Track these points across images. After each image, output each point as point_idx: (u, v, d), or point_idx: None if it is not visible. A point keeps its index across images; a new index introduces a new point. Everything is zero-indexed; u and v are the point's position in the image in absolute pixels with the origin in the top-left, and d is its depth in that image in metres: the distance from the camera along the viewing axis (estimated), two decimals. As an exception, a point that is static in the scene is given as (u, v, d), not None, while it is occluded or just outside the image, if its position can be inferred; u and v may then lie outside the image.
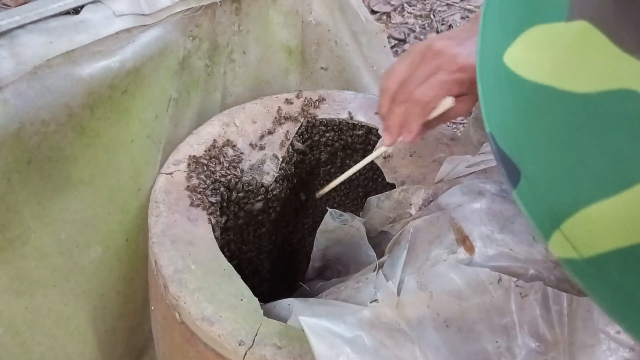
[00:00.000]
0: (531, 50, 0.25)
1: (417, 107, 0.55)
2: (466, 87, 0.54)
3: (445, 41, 0.54)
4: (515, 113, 0.25)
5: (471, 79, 0.53)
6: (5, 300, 0.60)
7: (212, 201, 0.62)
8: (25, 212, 0.56)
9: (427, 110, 0.55)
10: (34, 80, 0.52)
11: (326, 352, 0.45)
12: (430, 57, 0.54)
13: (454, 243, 0.54)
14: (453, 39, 0.54)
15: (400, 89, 0.56)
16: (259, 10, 0.73)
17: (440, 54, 0.53)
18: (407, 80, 0.55)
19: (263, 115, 0.72)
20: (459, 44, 0.53)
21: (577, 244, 0.22)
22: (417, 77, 0.54)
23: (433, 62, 0.54)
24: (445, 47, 0.53)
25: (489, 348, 0.48)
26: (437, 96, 0.54)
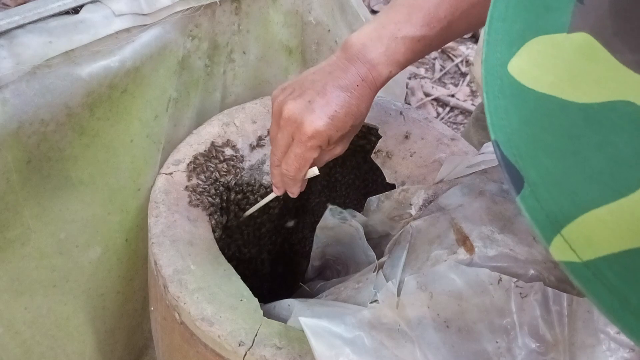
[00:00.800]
0: (534, 60, 0.26)
1: (287, 178, 0.56)
2: (324, 146, 0.54)
3: (293, 104, 0.52)
4: (520, 121, 0.26)
5: (325, 141, 0.53)
6: (5, 300, 0.60)
7: (212, 201, 0.62)
8: (25, 212, 0.56)
9: (298, 179, 0.56)
10: (33, 80, 0.52)
11: (326, 353, 0.45)
12: (283, 125, 0.54)
13: (454, 243, 0.54)
14: (304, 96, 0.53)
15: (271, 152, 0.57)
16: (259, 10, 0.73)
17: (290, 122, 0.53)
18: (274, 144, 0.56)
19: (263, 115, 0.72)
20: (308, 105, 0.52)
21: (577, 248, 0.23)
22: (279, 144, 0.55)
23: (287, 130, 0.53)
24: (293, 114, 0.52)
25: (489, 348, 0.48)
26: (299, 170, 0.55)
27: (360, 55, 0.53)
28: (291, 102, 0.53)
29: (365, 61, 0.53)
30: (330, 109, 0.52)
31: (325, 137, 0.52)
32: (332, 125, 0.52)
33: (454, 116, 1.64)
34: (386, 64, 0.53)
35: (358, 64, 0.53)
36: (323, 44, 0.82)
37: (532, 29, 0.27)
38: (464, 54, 1.79)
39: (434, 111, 1.65)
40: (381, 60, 0.53)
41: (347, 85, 0.53)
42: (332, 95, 0.52)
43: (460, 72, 1.75)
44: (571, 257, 0.23)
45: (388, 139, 0.71)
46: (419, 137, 0.71)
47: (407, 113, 0.73)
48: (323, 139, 0.52)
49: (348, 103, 0.53)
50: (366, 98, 0.54)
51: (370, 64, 0.53)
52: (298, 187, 0.58)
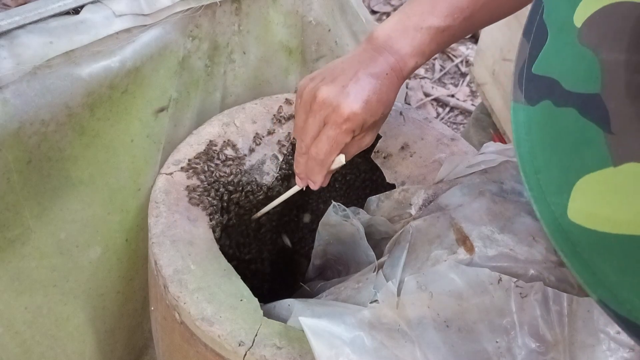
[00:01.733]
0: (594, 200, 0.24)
1: (315, 164, 0.55)
2: (357, 132, 0.54)
3: (327, 88, 0.53)
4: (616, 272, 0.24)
5: (359, 125, 0.53)
6: (5, 300, 0.60)
7: (212, 201, 0.62)
8: (25, 212, 0.57)
9: (325, 166, 0.56)
10: (33, 80, 0.52)
11: (326, 353, 0.45)
12: (316, 109, 0.53)
13: (454, 243, 0.54)
14: (336, 82, 0.53)
15: (299, 140, 0.57)
16: (259, 10, 0.73)
17: (324, 106, 0.52)
18: (302, 132, 0.56)
19: (263, 115, 0.72)
20: (342, 88, 0.52)
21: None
22: (309, 130, 0.54)
23: (320, 114, 0.53)
24: (328, 97, 0.52)
25: (489, 348, 0.48)
26: (330, 153, 0.54)
27: (387, 46, 0.54)
28: (325, 87, 0.53)
29: (393, 52, 0.54)
30: (364, 94, 0.52)
31: (360, 120, 0.52)
32: (366, 109, 0.52)
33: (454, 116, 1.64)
34: (412, 55, 0.54)
35: (385, 54, 0.54)
36: (323, 44, 0.82)
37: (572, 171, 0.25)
38: (464, 54, 1.79)
39: (434, 111, 1.65)
40: (407, 51, 0.54)
41: (377, 73, 0.53)
42: (364, 82, 0.53)
43: (460, 72, 1.75)
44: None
45: (388, 139, 0.71)
46: (419, 137, 0.71)
47: (407, 113, 0.73)
48: (358, 123, 0.52)
49: (379, 90, 0.53)
50: (394, 87, 0.55)
51: (398, 54, 0.54)
52: (322, 176, 0.57)
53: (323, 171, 0.56)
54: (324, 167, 0.56)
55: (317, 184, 0.58)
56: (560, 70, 0.25)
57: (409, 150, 0.70)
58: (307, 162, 0.56)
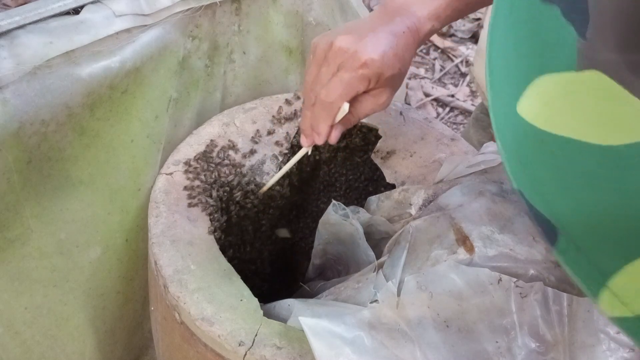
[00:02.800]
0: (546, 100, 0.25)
1: (322, 109, 0.54)
2: (373, 83, 0.53)
3: (345, 37, 0.52)
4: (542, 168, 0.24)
5: (376, 74, 0.52)
6: (5, 300, 0.60)
7: (212, 201, 0.62)
8: (25, 212, 0.57)
9: (333, 112, 0.54)
10: (34, 80, 0.52)
11: (326, 353, 0.45)
12: (332, 57, 0.53)
13: (454, 243, 0.54)
14: (354, 33, 0.53)
15: (308, 93, 0.55)
16: (259, 10, 0.73)
17: (341, 52, 0.52)
18: (313, 82, 0.55)
19: (263, 115, 0.72)
20: (360, 38, 0.52)
21: (628, 301, 0.21)
22: (322, 78, 0.54)
23: (335, 61, 0.52)
24: (345, 44, 0.52)
25: (489, 348, 0.48)
26: (340, 96, 0.53)
27: (403, 9, 0.54)
28: (342, 36, 0.52)
29: (409, 14, 0.54)
30: (381, 45, 0.52)
31: (376, 68, 0.51)
32: (383, 60, 0.52)
33: (454, 116, 1.64)
34: (428, 18, 0.54)
35: (402, 16, 0.54)
36: (323, 44, 0.82)
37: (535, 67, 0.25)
38: (464, 55, 1.79)
39: (434, 111, 1.65)
40: (424, 14, 0.54)
41: (394, 31, 0.53)
42: (382, 35, 0.52)
43: (460, 72, 1.75)
44: (623, 311, 0.21)
45: (388, 139, 0.71)
46: (419, 137, 0.71)
47: (407, 113, 0.73)
48: (374, 70, 0.52)
49: (396, 45, 0.53)
50: (411, 47, 0.54)
51: (414, 16, 0.54)
52: (328, 125, 0.55)
53: (329, 119, 0.54)
54: (332, 112, 0.54)
55: (323, 134, 0.56)
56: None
57: (409, 150, 0.70)
58: (314, 109, 0.55)
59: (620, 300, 0.22)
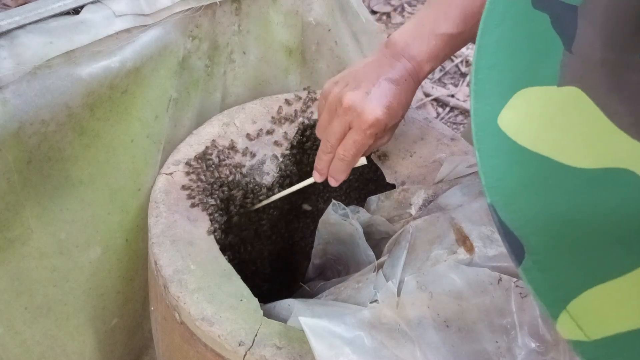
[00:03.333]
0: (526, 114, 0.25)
1: (341, 164, 0.60)
2: (380, 134, 0.59)
3: (353, 94, 0.56)
4: (517, 184, 0.24)
5: (382, 129, 0.57)
6: (5, 300, 0.60)
7: (212, 201, 0.62)
8: (25, 212, 0.56)
9: (351, 165, 0.61)
10: (34, 80, 0.52)
11: (326, 353, 0.45)
12: (341, 114, 0.57)
13: (454, 243, 0.54)
14: (360, 86, 0.57)
15: (323, 137, 0.61)
16: (259, 10, 0.73)
17: (350, 111, 0.57)
18: (327, 132, 0.60)
19: (263, 115, 0.72)
20: (365, 94, 0.56)
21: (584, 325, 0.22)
22: (335, 131, 0.59)
23: (345, 118, 0.57)
24: (353, 103, 0.56)
25: (489, 348, 0.48)
26: (356, 155, 0.59)
27: (404, 52, 0.58)
28: (350, 92, 0.57)
29: (410, 57, 0.58)
30: (386, 100, 0.56)
31: (382, 125, 0.57)
32: (388, 114, 0.57)
33: (454, 116, 1.64)
34: (428, 60, 0.58)
35: (403, 60, 0.58)
36: (323, 44, 0.82)
37: (521, 79, 0.25)
38: (464, 55, 1.79)
39: (434, 111, 1.65)
40: (424, 57, 0.58)
41: (397, 79, 0.57)
42: (385, 88, 0.57)
43: (460, 72, 1.75)
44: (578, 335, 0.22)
45: (388, 139, 0.71)
46: (419, 137, 0.71)
47: (407, 113, 0.73)
48: (381, 127, 0.57)
49: (399, 95, 0.57)
50: (411, 91, 0.59)
51: (415, 60, 0.58)
52: (346, 175, 0.62)
53: (348, 170, 0.61)
54: (350, 167, 0.61)
55: (340, 181, 0.62)
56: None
57: (408, 151, 0.70)
58: (334, 162, 0.61)
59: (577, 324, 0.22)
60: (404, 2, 1.93)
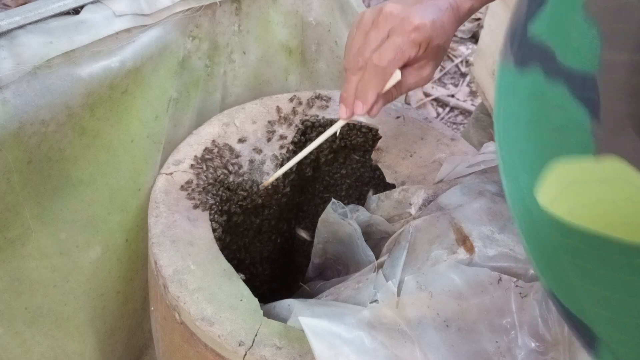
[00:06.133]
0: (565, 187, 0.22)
1: (373, 74, 0.52)
2: (422, 50, 0.53)
3: (394, 4, 0.53)
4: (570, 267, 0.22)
5: (426, 40, 0.52)
6: (6, 300, 0.60)
7: (212, 201, 0.62)
8: (25, 212, 0.57)
9: (385, 77, 0.53)
10: (34, 80, 0.52)
11: (326, 353, 0.45)
12: (382, 21, 0.52)
13: (454, 243, 0.54)
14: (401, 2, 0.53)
15: (354, 60, 0.54)
16: (259, 10, 0.73)
17: (392, 17, 0.52)
18: (361, 47, 0.53)
19: (263, 115, 0.72)
20: (408, 5, 0.53)
21: None
22: (371, 42, 0.53)
23: (385, 26, 0.52)
24: (395, 9, 0.52)
25: (489, 348, 0.48)
26: (393, 60, 0.52)
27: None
28: (391, 3, 0.53)
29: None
30: (430, 13, 0.52)
31: (427, 34, 0.52)
32: (434, 26, 0.52)
33: (454, 116, 1.64)
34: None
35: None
36: (323, 44, 0.82)
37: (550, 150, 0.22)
38: (464, 54, 1.79)
39: (434, 111, 1.65)
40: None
41: (438, 5, 0.53)
42: (428, 5, 0.53)
43: (460, 72, 1.75)
44: None
45: (388, 139, 0.71)
46: (419, 137, 0.71)
47: (406, 113, 0.73)
48: (425, 35, 0.52)
49: (441, 18, 0.53)
50: (453, 23, 0.55)
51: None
52: (377, 92, 0.53)
53: (381, 85, 0.53)
54: (384, 78, 0.53)
55: (369, 102, 0.54)
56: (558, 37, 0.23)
57: (409, 151, 0.70)
58: (364, 76, 0.53)
59: None
60: None
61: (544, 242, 0.22)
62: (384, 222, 0.62)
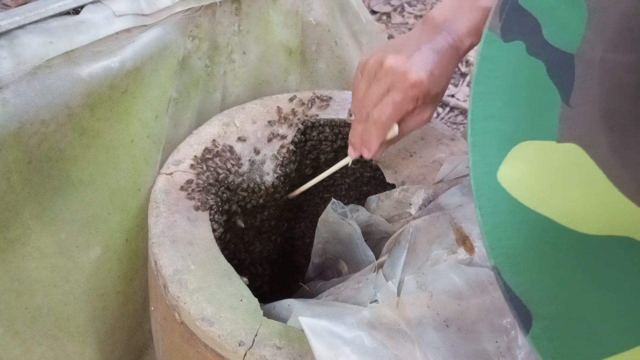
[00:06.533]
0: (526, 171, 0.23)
1: (374, 127, 0.56)
2: (420, 102, 0.55)
3: (395, 57, 0.54)
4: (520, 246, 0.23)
5: (424, 93, 0.54)
6: (5, 300, 0.60)
7: (212, 201, 0.62)
8: (25, 212, 0.57)
9: (385, 130, 0.56)
10: (34, 80, 0.52)
11: (326, 353, 0.45)
12: (382, 76, 0.55)
13: (454, 243, 0.54)
14: (402, 52, 0.55)
15: (359, 108, 0.58)
16: (259, 10, 0.73)
17: (392, 72, 0.54)
18: (364, 99, 0.57)
19: (263, 115, 0.72)
20: (408, 57, 0.54)
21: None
22: (372, 96, 0.56)
23: (385, 80, 0.55)
24: (395, 64, 0.54)
25: (489, 348, 0.48)
26: (392, 116, 0.55)
27: (444, 27, 0.56)
28: (392, 55, 0.54)
29: (451, 31, 0.56)
30: (429, 64, 0.54)
31: (425, 88, 0.54)
32: (431, 79, 0.54)
33: (454, 116, 1.64)
34: (468, 34, 0.56)
35: (444, 33, 0.56)
36: (323, 44, 0.82)
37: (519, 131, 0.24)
38: (464, 54, 1.79)
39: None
40: (464, 31, 0.56)
41: (438, 49, 0.55)
42: (427, 54, 0.54)
43: (460, 72, 1.75)
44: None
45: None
46: (419, 137, 0.71)
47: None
48: (423, 90, 0.54)
49: (440, 64, 0.55)
50: (452, 64, 0.56)
51: (455, 33, 0.56)
52: (379, 142, 0.57)
53: (381, 136, 0.57)
54: (384, 131, 0.56)
55: (372, 150, 0.58)
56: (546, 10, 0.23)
57: (408, 151, 0.70)
58: (366, 127, 0.57)
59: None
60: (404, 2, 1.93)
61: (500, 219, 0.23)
62: (384, 222, 0.62)
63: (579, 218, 0.22)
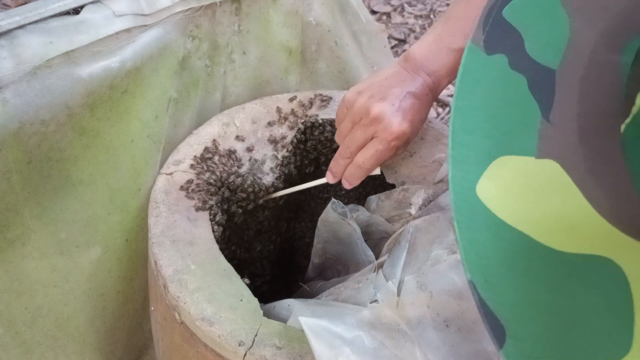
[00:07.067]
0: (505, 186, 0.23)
1: (357, 170, 0.61)
2: (401, 149, 0.61)
3: (380, 105, 0.57)
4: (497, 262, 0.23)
5: (405, 142, 0.59)
6: (5, 300, 0.60)
7: (212, 201, 0.62)
8: (25, 212, 0.57)
9: (367, 172, 0.62)
10: (34, 80, 0.52)
11: (326, 353, 0.45)
12: (367, 123, 0.58)
13: (454, 243, 0.54)
14: (387, 99, 0.57)
15: (343, 146, 0.62)
16: (259, 10, 0.73)
17: (376, 122, 0.57)
18: (348, 139, 0.60)
19: (263, 115, 0.72)
20: (392, 106, 0.57)
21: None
22: (357, 139, 0.59)
23: (370, 128, 0.58)
24: (380, 114, 0.57)
25: (489, 348, 0.48)
26: (374, 164, 0.60)
27: (424, 67, 0.60)
28: (378, 104, 0.58)
29: (430, 72, 0.59)
30: (410, 114, 0.58)
31: (406, 138, 0.59)
32: (411, 128, 0.58)
33: (454, 116, 1.64)
34: (446, 75, 0.59)
35: (423, 74, 0.60)
36: (323, 44, 0.82)
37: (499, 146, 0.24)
38: (464, 54, 1.79)
39: (434, 111, 1.65)
40: (442, 73, 0.59)
41: (419, 94, 0.59)
42: (409, 102, 0.58)
43: (460, 72, 1.75)
44: None
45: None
46: (418, 137, 0.71)
47: (407, 113, 0.73)
48: (404, 140, 0.59)
49: (420, 110, 0.59)
50: (430, 105, 0.61)
51: (434, 75, 0.59)
52: (360, 180, 0.62)
53: (364, 177, 0.62)
54: (366, 173, 0.62)
55: (353, 184, 0.63)
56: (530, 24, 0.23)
57: (408, 151, 0.70)
58: (351, 168, 0.62)
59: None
60: (404, 2, 1.93)
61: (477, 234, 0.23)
62: (384, 222, 0.62)
63: (555, 235, 0.22)
